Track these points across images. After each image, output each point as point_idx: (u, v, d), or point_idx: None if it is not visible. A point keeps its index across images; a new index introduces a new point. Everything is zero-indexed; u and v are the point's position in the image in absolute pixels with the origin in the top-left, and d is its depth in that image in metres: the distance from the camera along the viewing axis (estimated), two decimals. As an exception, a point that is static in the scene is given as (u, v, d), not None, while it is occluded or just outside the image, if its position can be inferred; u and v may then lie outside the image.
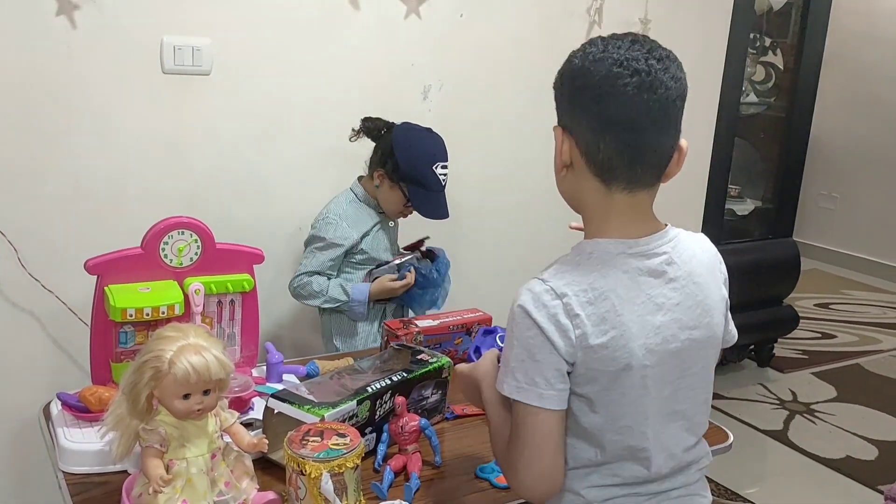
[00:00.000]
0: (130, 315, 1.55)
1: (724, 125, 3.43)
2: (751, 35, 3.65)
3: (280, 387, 1.69)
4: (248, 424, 1.56)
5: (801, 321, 4.08)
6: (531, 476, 1.15)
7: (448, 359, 1.74)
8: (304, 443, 1.33)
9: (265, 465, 1.49)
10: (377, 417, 1.57)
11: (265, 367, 1.84)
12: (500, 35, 2.70)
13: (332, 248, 2.21)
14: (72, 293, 2.11)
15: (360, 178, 2.31)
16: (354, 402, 1.51)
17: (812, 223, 5.84)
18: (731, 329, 1.32)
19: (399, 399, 1.56)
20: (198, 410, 1.28)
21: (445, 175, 2.22)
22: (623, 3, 2.89)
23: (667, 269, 1.17)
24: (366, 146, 2.29)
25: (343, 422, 1.46)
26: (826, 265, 5.81)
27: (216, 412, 1.34)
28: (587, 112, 1.13)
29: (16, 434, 2.20)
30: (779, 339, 4.11)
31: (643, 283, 1.15)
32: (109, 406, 1.31)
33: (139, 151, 2.21)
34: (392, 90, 2.53)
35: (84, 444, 1.49)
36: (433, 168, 2.19)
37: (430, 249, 2.38)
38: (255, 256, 1.78)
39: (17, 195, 2.09)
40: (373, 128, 2.26)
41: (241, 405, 1.64)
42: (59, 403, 1.60)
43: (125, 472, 1.40)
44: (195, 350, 1.26)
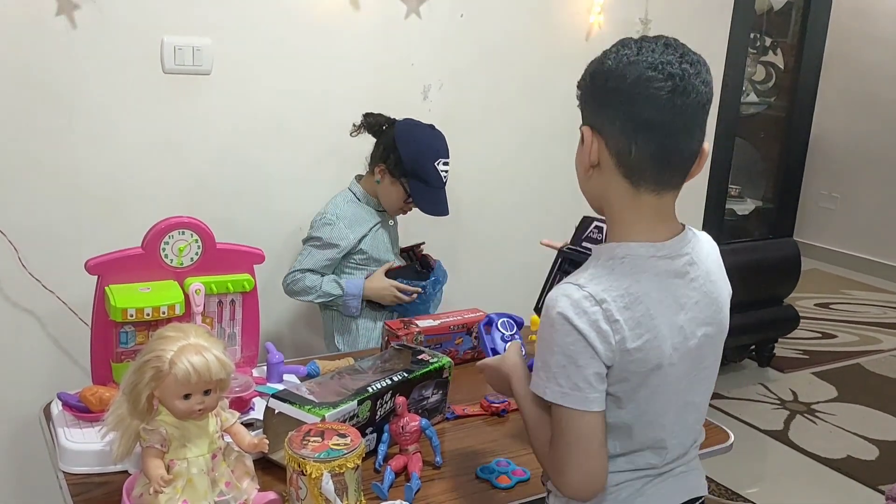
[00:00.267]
0: (131, 315, 1.55)
1: (725, 125, 3.44)
2: (751, 35, 3.66)
3: (281, 387, 1.69)
4: (249, 424, 1.56)
5: (802, 321, 4.08)
6: (580, 477, 1.17)
7: (449, 359, 1.74)
8: (305, 443, 1.33)
9: (266, 466, 1.50)
10: (378, 417, 1.57)
11: (266, 367, 1.84)
12: (500, 35, 2.70)
13: (329, 248, 2.21)
14: (72, 293, 2.11)
15: (359, 177, 2.31)
16: (355, 403, 1.51)
17: (812, 223, 5.83)
18: None
19: (400, 399, 1.56)
20: (198, 410, 1.28)
21: (447, 172, 2.22)
22: (623, 3, 2.89)
23: (689, 270, 1.19)
24: (366, 146, 2.29)
25: (344, 422, 1.46)
26: (826, 265, 5.81)
27: (217, 412, 1.34)
28: (619, 114, 1.13)
29: (16, 434, 2.19)
30: (779, 339, 4.10)
31: (670, 286, 1.17)
32: (110, 406, 1.32)
33: (140, 151, 2.21)
34: (392, 90, 2.53)
35: (85, 445, 1.49)
36: (435, 164, 2.19)
37: (427, 257, 2.37)
38: (256, 256, 1.78)
39: (17, 195, 2.09)
40: (374, 123, 2.26)
41: (242, 405, 1.63)
42: (60, 403, 1.60)
43: (126, 473, 1.40)
44: (196, 350, 1.26)
